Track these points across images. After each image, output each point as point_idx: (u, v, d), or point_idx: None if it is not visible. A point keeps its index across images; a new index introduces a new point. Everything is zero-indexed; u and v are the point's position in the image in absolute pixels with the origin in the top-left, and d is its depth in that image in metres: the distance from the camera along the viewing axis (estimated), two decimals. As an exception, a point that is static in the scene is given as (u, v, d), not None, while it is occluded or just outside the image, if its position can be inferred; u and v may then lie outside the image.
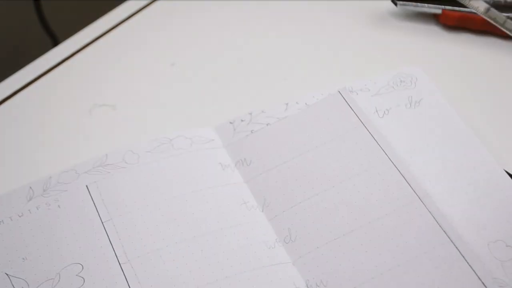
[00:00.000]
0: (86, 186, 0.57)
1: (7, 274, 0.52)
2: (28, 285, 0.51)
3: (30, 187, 0.57)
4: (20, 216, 0.55)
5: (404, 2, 0.70)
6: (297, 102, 0.61)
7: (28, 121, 0.66)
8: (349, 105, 0.60)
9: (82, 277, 0.52)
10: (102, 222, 0.54)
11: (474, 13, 0.68)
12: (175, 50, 0.72)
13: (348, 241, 0.52)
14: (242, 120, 0.61)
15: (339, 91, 0.61)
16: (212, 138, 0.60)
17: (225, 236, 0.53)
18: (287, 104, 0.61)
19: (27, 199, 0.56)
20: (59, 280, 0.51)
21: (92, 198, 0.56)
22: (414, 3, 0.70)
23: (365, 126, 0.58)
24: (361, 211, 0.53)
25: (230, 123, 0.61)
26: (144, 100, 0.67)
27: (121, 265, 0.52)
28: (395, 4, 0.71)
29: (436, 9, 0.70)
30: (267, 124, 0.60)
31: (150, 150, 0.59)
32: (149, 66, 0.70)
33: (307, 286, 0.51)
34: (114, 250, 0.53)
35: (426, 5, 0.70)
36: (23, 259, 0.53)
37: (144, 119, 0.65)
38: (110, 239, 0.53)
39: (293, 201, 0.55)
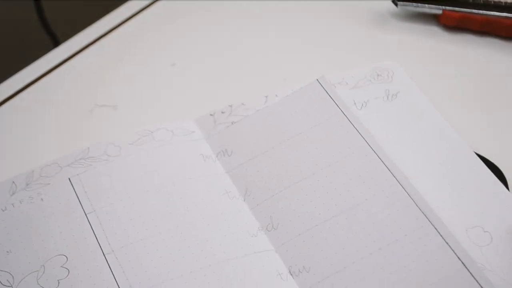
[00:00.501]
0: (69, 179, 0.57)
1: (-9, 268, 0.52)
2: (13, 278, 0.51)
3: (13, 182, 0.57)
4: (3, 210, 0.55)
5: (405, 3, 0.70)
6: (276, 95, 0.62)
7: (29, 121, 0.65)
8: (328, 93, 0.61)
9: (67, 268, 0.52)
10: (86, 214, 0.55)
11: (475, 13, 0.68)
12: (176, 51, 0.71)
13: (329, 227, 0.52)
14: (222, 112, 0.61)
15: (317, 80, 0.61)
16: (192, 130, 0.60)
17: (208, 225, 0.54)
18: (266, 96, 0.62)
19: (10, 193, 0.56)
20: (44, 272, 0.52)
21: (75, 191, 0.56)
22: (414, 4, 0.70)
23: (344, 114, 0.59)
24: (341, 197, 0.54)
25: (211, 115, 0.61)
26: (145, 100, 0.66)
27: (105, 255, 0.52)
28: (396, 5, 0.71)
29: (436, 9, 0.70)
30: (247, 116, 0.61)
31: (131, 142, 0.59)
32: (150, 66, 0.70)
33: (290, 272, 0.51)
34: (98, 241, 0.53)
35: (426, 5, 0.70)
36: (7, 252, 0.53)
37: (145, 119, 0.64)
38: (94, 231, 0.54)
39: (274, 189, 0.55)
